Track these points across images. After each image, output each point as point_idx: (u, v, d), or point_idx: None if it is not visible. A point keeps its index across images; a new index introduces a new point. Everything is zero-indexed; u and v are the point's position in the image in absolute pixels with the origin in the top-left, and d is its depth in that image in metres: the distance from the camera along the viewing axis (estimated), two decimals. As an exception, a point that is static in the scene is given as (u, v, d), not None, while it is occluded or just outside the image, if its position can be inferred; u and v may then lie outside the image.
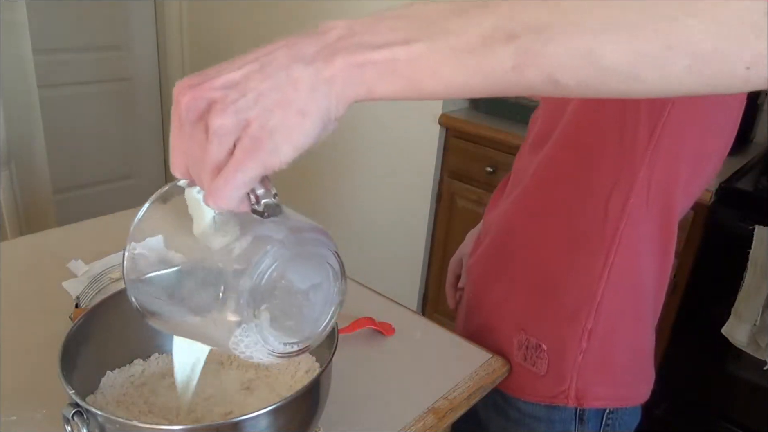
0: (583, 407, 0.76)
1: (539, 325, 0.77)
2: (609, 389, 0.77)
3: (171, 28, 2.76)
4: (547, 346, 0.76)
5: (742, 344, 1.53)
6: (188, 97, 0.34)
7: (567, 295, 0.74)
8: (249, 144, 0.33)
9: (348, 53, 0.33)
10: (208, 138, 0.34)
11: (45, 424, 0.64)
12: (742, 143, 1.84)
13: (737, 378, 1.65)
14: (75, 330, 0.58)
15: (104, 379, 0.64)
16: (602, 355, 0.75)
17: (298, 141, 0.34)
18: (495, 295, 0.82)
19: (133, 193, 2.93)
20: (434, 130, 2.05)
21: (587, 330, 0.74)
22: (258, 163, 0.34)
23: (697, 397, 1.73)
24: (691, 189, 0.73)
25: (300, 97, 0.33)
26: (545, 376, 0.77)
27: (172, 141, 0.37)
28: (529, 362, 0.78)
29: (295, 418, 0.55)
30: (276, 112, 0.33)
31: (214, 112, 0.33)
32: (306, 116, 0.33)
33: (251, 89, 0.33)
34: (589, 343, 0.74)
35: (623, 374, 0.79)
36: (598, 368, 0.76)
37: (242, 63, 0.35)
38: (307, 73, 0.33)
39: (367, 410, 0.70)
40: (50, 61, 2.43)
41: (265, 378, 0.68)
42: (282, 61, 0.33)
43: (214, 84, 0.34)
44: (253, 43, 0.37)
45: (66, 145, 2.58)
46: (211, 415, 0.62)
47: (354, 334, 0.81)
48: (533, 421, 0.80)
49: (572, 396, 0.76)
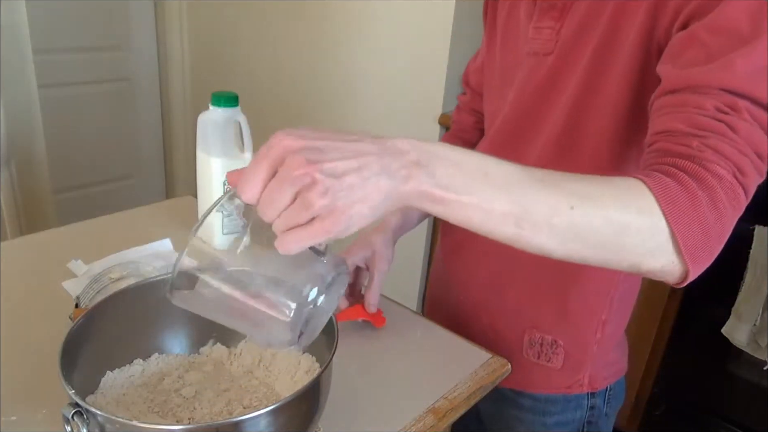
0: (596, 390, 0.82)
1: (556, 323, 0.79)
2: (612, 368, 0.83)
3: (171, 28, 2.76)
4: (564, 342, 0.79)
5: (742, 344, 1.53)
6: (301, 171, 0.42)
7: (585, 292, 0.77)
8: (329, 223, 0.42)
9: (419, 181, 0.45)
10: (298, 202, 0.42)
11: (45, 424, 0.64)
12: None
13: (737, 378, 1.65)
14: (75, 330, 0.58)
15: (104, 379, 0.64)
16: (609, 341, 0.80)
17: (361, 225, 0.44)
18: (507, 300, 0.83)
19: (133, 193, 2.93)
20: (434, 129, 2.05)
21: (602, 321, 0.78)
22: (329, 236, 0.43)
23: (697, 397, 1.73)
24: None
25: (378, 199, 0.44)
26: (561, 370, 0.80)
27: (256, 170, 0.44)
28: (543, 359, 0.81)
29: (295, 418, 0.55)
30: (357, 205, 0.43)
31: (316, 193, 0.42)
32: (375, 211, 0.44)
33: (348, 184, 0.42)
34: (603, 333, 0.79)
35: (619, 352, 0.85)
36: (606, 353, 0.81)
37: (345, 155, 0.44)
38: (390, 184, 0.44)
39: (367, 410, 0.70)
40: (50, 61, 2.43)
41: (265, 378, 0.68)
42: (374, 169, 0.44)
43: (323, 169, 0.42)
44: (253, 43, 0.37)
45: (66, 145, 2.58)
46: (210, 415, 0.62)
47: (354, 334, 0.81)
48: (549, 405, 0.83)
49: (586, 383, 0.81)
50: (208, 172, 0.97)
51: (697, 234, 0.49)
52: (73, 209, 2.42)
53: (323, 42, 2.29)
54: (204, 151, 0.97)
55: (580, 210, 0.47)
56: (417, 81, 2.07)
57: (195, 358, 0.71)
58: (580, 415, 0.83)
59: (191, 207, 1.13)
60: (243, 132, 0.96)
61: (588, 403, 0.83)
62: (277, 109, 2.54)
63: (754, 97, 0.52)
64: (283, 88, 2.50)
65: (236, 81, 2.64)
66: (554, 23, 0.71)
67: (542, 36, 0.72)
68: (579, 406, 0.83)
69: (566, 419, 0.83)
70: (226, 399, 0.64)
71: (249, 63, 2.57)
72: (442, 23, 1.94)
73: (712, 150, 0.50)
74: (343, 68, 2.27)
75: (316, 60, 2.34)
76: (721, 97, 0.52)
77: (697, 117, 0.52)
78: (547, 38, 0.72)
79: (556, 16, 0.71)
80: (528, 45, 0.74)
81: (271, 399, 0.65)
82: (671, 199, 0.48)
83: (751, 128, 0.51)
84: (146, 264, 0.86)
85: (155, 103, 2.91)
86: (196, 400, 0.64)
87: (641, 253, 0.49)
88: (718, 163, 0.50)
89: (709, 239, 0.50)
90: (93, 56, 2.63)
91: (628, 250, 0.49)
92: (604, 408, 0.84)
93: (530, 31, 0.74)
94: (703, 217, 0.49)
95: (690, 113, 0.53)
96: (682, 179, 0.49)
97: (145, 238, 1.01)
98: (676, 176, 0.50)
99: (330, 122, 2.37)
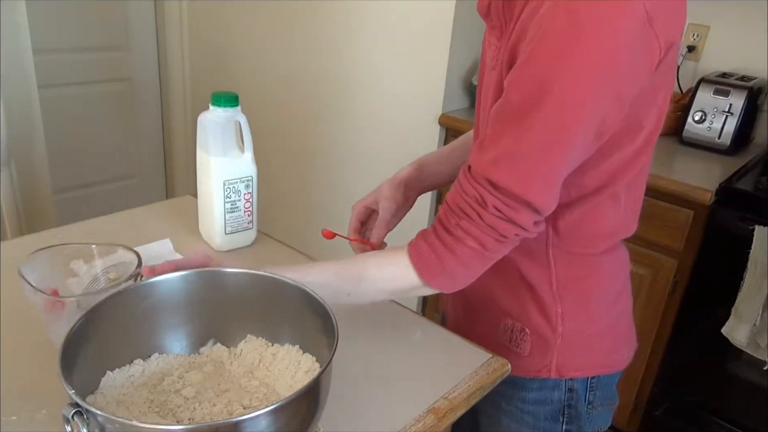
0: (563, 378, 0.84)
1: (523, 313, 0.82)
2: (589, 360, 0.85)
3: (171, 28, 2.76)
4: (530, 330, 0.82)
5: (742, 344, 1.53)
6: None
7: (536, 287, 0.81)
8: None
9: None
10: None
11: (45, 424, 0.64)
12: (742, 143, 1.84)
13: (737, 378, 1.65)
14: (75, 330, 0.58)
15: (104, 379, 0.64)
16: (579, 334, 0.82)
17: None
18: (484, 290, 0.85)
19: (133, 193, 2.93)
20: (434, 129, 2.05)
21: (559, 314, 0.81)
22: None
23: (697, 397, 1.74)
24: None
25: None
26: (528, 356, 0.83)
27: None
28: (513, 344, 0.84)
29: (295, 418, 0.55)
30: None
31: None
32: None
33: None
34: (564, 326, 0.81)
35: (602, 346, 0.86)
36: (577, 345, 0.83)
37: None
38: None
39: (367, 410, 0.70)
40: (50, 61, 2.43)
41: (265, 378, 0.68)
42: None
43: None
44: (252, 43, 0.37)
45: (66, 145, 2.59)
46: (210, 415, 0.62)
47: (354, 334, 0.81)
48: (527, 382, 0.85)
49: (554, 369, 0.83)
50: (208, 172, 0.97)
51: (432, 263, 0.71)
52: (73, 209, 2.42)
53: (323, 42, 2.29)
54: (204, 151, 0.97)
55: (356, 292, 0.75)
56: (417, 81, 2.07)
57: (195, 358, 0.71)
58: (558, 396, 0.85)
59: (191, 207, 1.13)
60: (243, 132, 0.96)
61: (566, 386, 0.85)
62: (277, 109, 2.54)
63: (494, 181, 0.66)
64: (283, 88, 2.50)
65: (236, 81, 2.64)
66: (497, 41, 0.74)
67: (491, 51, 0.75)
68: (557, 387, 0.85)
69: (545, 397, 0.86)
70: (226, 399, 0.64)
71: (249, 63, 2.57)
72: (442, 23, 1.94)
73: (462, 229, 0.69)
74: (343, 68, 2.27)
75: (316, 60, 2.34)
76: (480, 186, 0.67)
77: (460, 200, 0.69)
78: (493, 54, 0.75)
79: (498, 35, 0.74)
80: (486, 56, 0.78)
81: (271, 399, 0.65)
82: (420, 255, 0.72)
83: (494, 218, 0.67)
84: (146, 264, 0.86)
85: (155, 103, 2.91)
86: (197, 400, 0.64)
87: (403, 290, 0.75)
88: (464, 239, 0.69)
89: (444, 268, 0.71)
90: (93, 56, 2.63)
91: (398, 292, 0.75)
92: (585, 394, 0.85)
93: (485, 43, 0.78)
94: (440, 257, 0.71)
95: (458, 193, 0.70)
96: (433, 244, 0.71)
97: (145, 238, 1.01)
98: (432, 244, 0.71)
99: (329, 122, 2.38)
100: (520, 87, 0.63)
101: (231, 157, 0.97)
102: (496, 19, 0.73)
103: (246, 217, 1.02)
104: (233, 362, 0.70)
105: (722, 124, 1.78)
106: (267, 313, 0.71)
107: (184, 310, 0.71)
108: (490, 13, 0.73)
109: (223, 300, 0.71)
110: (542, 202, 0.66)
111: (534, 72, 0.62)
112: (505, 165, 0.65)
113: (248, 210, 1.02)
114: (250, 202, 1.02)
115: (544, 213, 0.68)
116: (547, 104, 0.61)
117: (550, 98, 0.61)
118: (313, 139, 2.47)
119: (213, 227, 1.01)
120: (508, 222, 0.67)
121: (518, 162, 0.65)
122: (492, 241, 0.69)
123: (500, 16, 0.72)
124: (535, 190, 0.65)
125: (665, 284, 1.66)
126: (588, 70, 0.59)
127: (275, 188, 2.64)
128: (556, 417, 0.86)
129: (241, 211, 1.01)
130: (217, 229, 1.00)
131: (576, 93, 0.60)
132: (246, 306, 0.71)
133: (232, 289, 0.71)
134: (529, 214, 0.67)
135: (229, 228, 1.01)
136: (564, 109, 0.61)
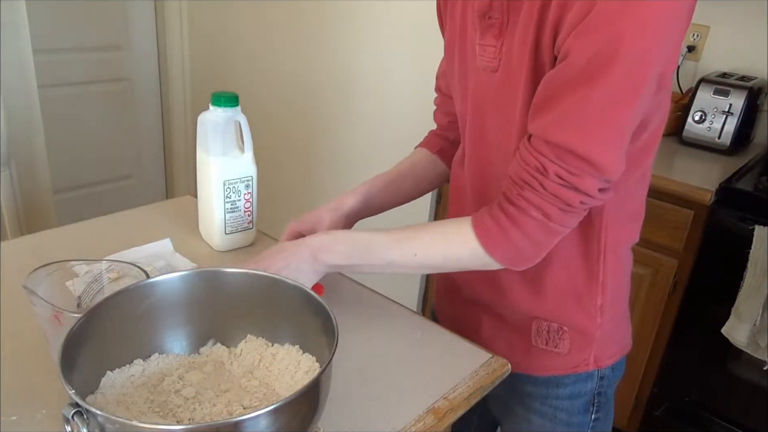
0: (601, 368, 0.86)
1: (556, 310, 0.82)
2: (616, 346, 0.88)
3: (171, 28, 2.77)
4: (568, 328, 0.83)
5: (742, 344, 1.53)
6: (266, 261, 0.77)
7: (576, 281, 0.80)
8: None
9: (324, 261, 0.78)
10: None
11: (45, 424, 0.64)
12: (742, 143, 1.84)
13: (737, 378, 1.65)
14: (75, 330, 0.58)
15: (104, 379, 0.64)
16: (611, 323, 0.84)
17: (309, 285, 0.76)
18: (511, 296, 0.85)
19: (133, 193, 2.93)
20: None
21: (598, 307, 0.81)
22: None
23: (697, 397, 1.74)
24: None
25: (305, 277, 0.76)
26: (568, 354, 0.84)
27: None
28: (551, 345, 0.84)
29: (295, 418, 0.55)
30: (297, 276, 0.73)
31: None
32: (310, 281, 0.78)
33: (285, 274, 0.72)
34: (603, 317, 0.82)
35: (625, 328, 0.89)
36: (609, 335, 0.84)
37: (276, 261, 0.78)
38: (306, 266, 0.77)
39: (367, 410, 0.70)
40: (50, 61, 2.44)
41: (265, 378, 0.68)
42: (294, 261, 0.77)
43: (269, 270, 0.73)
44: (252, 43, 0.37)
45: (66, 145, 2.59)
46: (210, 415, 0.62)
47: (354, 334, 0.81)
48: (562, 379, 0.86)
49: (592, 362, 0.85)
50: (208, 172, 0.97)
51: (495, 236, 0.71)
52: (73, 209, 2.42)
53: (323, 42, 2.29)
54: (204, 151, 0.97)
55: (421, 254, 0.75)
56: (417, 81, 2.07)
57: (195, 358, 0.71)
58: (591, 386, 0.86)
59: (191, 207, 1.13)
60: (243, 132, 0.96)
61: (598, 374, 0.86)
62: (277, 109, 2.54)
63: (557, 143, 0.65)
64: (283, 88, 2.50)
65: (236, 81, 2.64)
66: (495, 41, 0.73)
67: (487, 54, 0.74)
68: (590, 378, 0.86)
69: (579, 390, 0.87)
70: (226, 399, 0.64)
71: (249, 63, 2.57)
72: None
73: (524, 199, 0.69)
74: (343, 68, 2.27)
75: (316, 60, 2.35)
76: (540, 154, 0.66)
77: (521, 171, 0.68)
78: (491, 56, 0.74)
79: (496, 34, 0.73)
80: (477, 60, 0.77)
81: (271, 399, 0.65)
82: (484, 229, 0.72)
83: (557, 186, 0.66)
84: (146, 264, 0.86)
85: (155, 103, 2.91)
86: (197, 400, 0.64)
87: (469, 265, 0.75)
88: (527, 209, 0.69)
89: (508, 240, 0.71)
90: (93, 56, 2.63)
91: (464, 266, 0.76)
92: (613, 379, 0.88)
93: (477, 48, 0.76)
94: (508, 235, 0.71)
95: (519, 164, 0.69)
96: (497, 216, 0.71)
97: (145, 238, 1.01)
98: (495, 216, 0.71)
99: (329, 122, 2.38)
100: (584, 48, 0.61)
101: (231, 157, 0.97)
102: (497, 16, 0.72)
103: (246, 217, 1.02)
104: (233, 362, 0.70)
105: (722, 124, 1.78)
106: (267, 313, 0.71)
107: (184, 310, 0.71)
108: (491, 10, 0.73)
109: (223, 300, 0.71)
110: (609, 163, 0.64)
111: (598, 31, 0.60)
112: (569, 124, 0.64)
113: (248, 210, 1.02)
114: (250, 202, 1.02)
115: (611, 175, 0.66)
116: (617, 60, 0.60)
117: (620, 54, 0.60)
118: (313, 139, 2.47)
119: (213, 227, 1.01)
120: (572, 189, 0.66)
121: (584, 120, 0.63)
122: (556, 211, 0.67)
123: (504, 14, 0.71)
124: (602, 150, 0.64)
125: (665, 284, 1.66)
126: (654, 19, 0.59)
127: (275, 188, 2.64)
128: (587, 408, 0.88)
129: (241, 211, 1.01)
130: (217, 229, 1.00)
131: (644, 44, 0.60)
132: (246, 306, 0.71)
133: (232, 289, 0.71)
134: (593, 179, 0.65)
135: (229, 228, 1.01)
136: (634, 61, 0.60)
